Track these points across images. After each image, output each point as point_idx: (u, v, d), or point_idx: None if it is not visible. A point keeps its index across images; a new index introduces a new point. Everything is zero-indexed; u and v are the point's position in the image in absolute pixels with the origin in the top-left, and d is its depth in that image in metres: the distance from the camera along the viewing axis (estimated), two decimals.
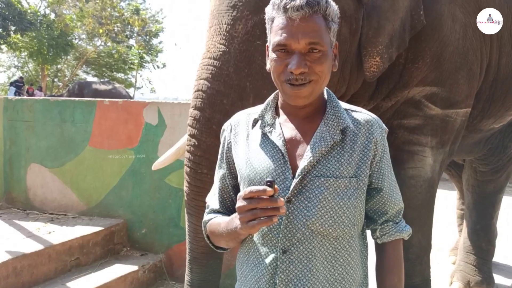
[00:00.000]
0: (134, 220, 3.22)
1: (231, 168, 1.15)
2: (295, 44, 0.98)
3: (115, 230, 3.13)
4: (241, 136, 1.13)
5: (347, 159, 1.03)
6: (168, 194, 3.14)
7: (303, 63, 0.98)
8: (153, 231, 3.18)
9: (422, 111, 2.35)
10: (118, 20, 22.30)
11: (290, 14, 0.98)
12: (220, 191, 1.17)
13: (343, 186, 1.02)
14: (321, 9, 0.99)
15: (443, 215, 3.70)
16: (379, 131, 1.08)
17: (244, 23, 1.92)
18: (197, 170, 1.85)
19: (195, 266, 1.94)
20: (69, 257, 2.77)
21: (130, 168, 3.22)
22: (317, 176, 1.01)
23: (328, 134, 1.04)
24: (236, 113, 1.20)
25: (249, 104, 1.87)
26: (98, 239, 2.98)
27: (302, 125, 1.07)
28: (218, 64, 1.91)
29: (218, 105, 1.88)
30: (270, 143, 1.06)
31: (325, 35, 1.00)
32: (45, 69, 22.33)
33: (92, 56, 23.77)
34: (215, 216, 1.13)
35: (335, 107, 1.08)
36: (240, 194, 0.91)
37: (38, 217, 3.31)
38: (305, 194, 1.01)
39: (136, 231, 3.23)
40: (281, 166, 1.03)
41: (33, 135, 3.43)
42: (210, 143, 1.83)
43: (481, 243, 3.33)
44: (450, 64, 2.32)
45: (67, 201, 3.38)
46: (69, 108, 3.34)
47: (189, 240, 1.94)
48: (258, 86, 1.91)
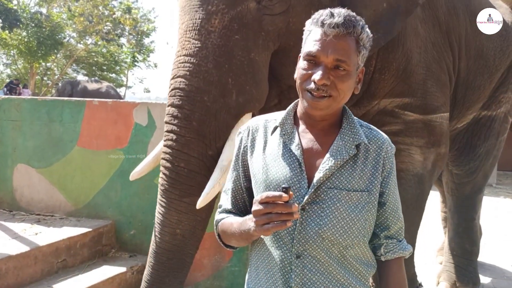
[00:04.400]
0: (123, 221, 3.20)
1: (245, 171, 1.21)
2: (324, 57, 1.05)
3: (103, 231, 3.10)
4: (259, 142, 1.19)
5: (359, 173, 1.10)
6: (156, 195, 3.12)
7: (327, 76, 1.04)
8: (142, 232, 3.16)
9: (400, 118, 2.37)
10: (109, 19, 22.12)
11: (325, 30, 1.05)
12: (233, 192, 1.23)
13: (355, 199, 1.09)
14: (355, 32, 1.06)
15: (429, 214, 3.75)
16: (389, 148, 1.15)
17: (221, 17, 1.87)
18: (174, 163, 1.82)
19: (153, 260, 1.89)
20: (56, 259, 2.73)
21: (119, 168, 3.19)
22: (331, 187, 1.08)
23: (344, 148, 1.10)
24: (253, 118, 1.26)
25: (232, 101, 1.86)
26: (86, 240, 2.95)
27: (319, 137, 1.14)
28: (195, 61, 1.85)
29: (198, 102, 1.83)
30: (288, 152, 1.12)
31: (353, 57, 1.07)
32: (34, 67, 22.05)
33: (83, 54, 23.54)
34: (227, 216, 1.19)
35: (351, 123, 1.14)
36: (257, 198, 0.96)
37: (24, 218, 3.26)
38: (319, 204, 1.08)
39: (125, 232, 3.20)
40: (297, 175, 1.09)
41: (20, 135, 3.39)
42: (189, 138, 1.80)
43: (464, 245, 3.39)
44: (416, 76, 2.37)
45: (54, 202, 3.34)
46: (57, 107, 3.31)
47: (155, 232, 1.90)
48: (240, 82, 1.87)
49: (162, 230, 1.85)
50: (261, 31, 1.93)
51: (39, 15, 20.59)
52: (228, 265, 2.99)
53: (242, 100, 1.87)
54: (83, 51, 23.49)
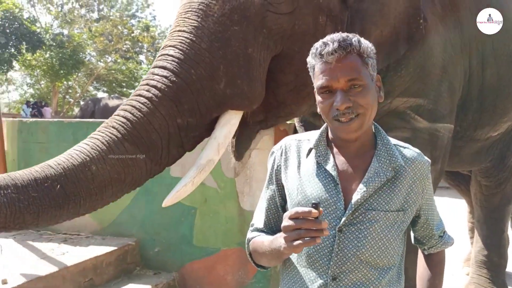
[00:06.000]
0: (147, 239, 3.23)
1: (280, 190, 1.22)
2: (336, 83, 1.07)
3: (128, 250, 3.14)
4: (292, 162, 1.20)
5: (396, 194, 1.11)
6: (180, 213, 3.14)
7: (347, 99, 1.06)
8: (166, 249, 3.19)
9: (409, 124, 2.29)
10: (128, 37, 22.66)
11: (326, 59, 1.08)
12: (266, 211, 1.24)
13: (392, 219, 1.10)
14: (355, 49, 1.08)
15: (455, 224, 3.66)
16: (426, 165, 1.17)
17: (221, 5, 1.79)
18: (137, 107, 1.64)
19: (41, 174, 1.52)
20: (83, 278, 2.78)
21: (142, 187, 3.21)
22: (369, 209, 1.09)
23: (381, 170, 1.11)
24: (286, 138, 1.27)
25: (219, 89, 1.74)
26: (112, 259, 3.00)
27: (354, 158, 1.14)
28: (189, 36, 1.74)
29: (183, 70, 1.69)
30: (323, 173, 1.13)
31: (362, 70, 1.09)
32: (56, 86, 22.73)
33: (103, 72, 24.16)
34: (258, 235, 1.20)
35: (386, 144, 1.15)
36: (286, 214, 0.97)
37: (51, 237, 3.33)
38: (356, 226, 1.09)
39: (149, 250, 3.23)
40: (333, 196, 1.10)
41: (47, 156, 3.42)
42: (162, 95, 1.65)
43: (493, 257, 3.32)
44: (433, 76, 2.29)
45: (80, 220, 3.37)
46: (82, 129, 3.39)
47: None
48: (232, 73, 1.77)
49: (78, 155, 1.56)
50: (263, 28, 1.85)
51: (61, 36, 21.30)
52: (253, 281, 2.98)
53: (230, 93, 1.77)
54: (103, 69, 24.14)
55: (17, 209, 1.40)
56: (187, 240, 3.13)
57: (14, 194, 1.41)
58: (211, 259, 3.05)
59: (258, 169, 2.91)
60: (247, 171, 2.95)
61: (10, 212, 1.39)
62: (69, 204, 1.49)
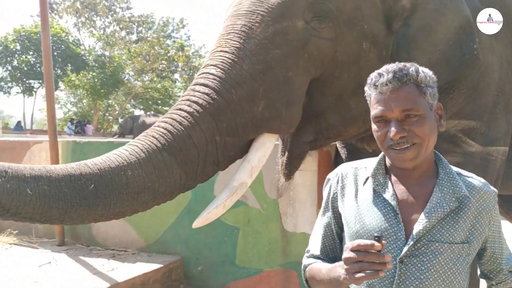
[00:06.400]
0: (191, 257, 3.31)
1: (336, 217, 1.22)
2: (390, 113, 1.07)
3: (173, 267, 3.22)
4: (349, 190, 1.19)
5: (460, 225, 1.07)
6: (223, 232, 3.21)
7: (401, 129, 1.06)
8: (208, 268, 3.25)
9: (461, 148, 2.21)
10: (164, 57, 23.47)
11: (380, 90, 1.09)
12: (323, 238, 1.24)
13: (456, 251, 1.06)
14: (411, 78, 1.07)
15: None
16: (492, 196, 1.13)
17: (264, 28, 1.79)
18: (177, 120, 1.63)
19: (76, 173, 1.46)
20: None
21: (186, 206, 3.33)
22: (432, 241, 1.06)
23: (444, 200, 1.08)
24: (342, 165, 1.26)
25: (257, 111, 1.73)
26: (158, 276, 3.08)
27: (414, 188, 1.12)
28: (231, 57, 1.74)
29: (224, 89, 1.69)
30: (382, 202, 1.11)
31: (419, 100, 1.07)
32: (97, 105, 23.75)
33: (140, 91, 25.05)
34: (315, 262, 1.20)
35: (449, 173, 1.12)
36: (348, 245, 0.96)
37: (101, 253, 3.47)
38: (419, 257, 1.05)
39: (193, 268, 3.30)
40: (393, 226, 1.08)
41: None
42: (203, 111, 1.65)
43: None
44: (487, 96, 2.21)
45: (127, 237, 3.54)
46: None
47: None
48: (271, 96, 1.76)
49: (115, 158, 1.55)
50: (305, 52, 1.85)
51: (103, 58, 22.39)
52: None
53: (268, 115, 1.77)
54: (141, 88, 25.03)
55: (46, 202, 1.36)
56: (230, 260, 3.18)
57: (46, 186, 1.37)
58: (253, 280, 3.07)
59: (301, 190, 2.94)
60: (290, 192, 2.98)
61: (39, 204, 1.35)
62: (99, 205, 1.46)
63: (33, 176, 1.36)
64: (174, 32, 27.35)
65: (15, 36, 21.05)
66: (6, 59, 21.18)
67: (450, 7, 2.05)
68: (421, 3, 2.04)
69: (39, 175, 1.38)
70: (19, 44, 20.93)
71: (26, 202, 1.33)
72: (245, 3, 1.88)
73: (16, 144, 4.09)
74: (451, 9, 2.05)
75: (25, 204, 1.33)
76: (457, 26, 2.05)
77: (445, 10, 2.04)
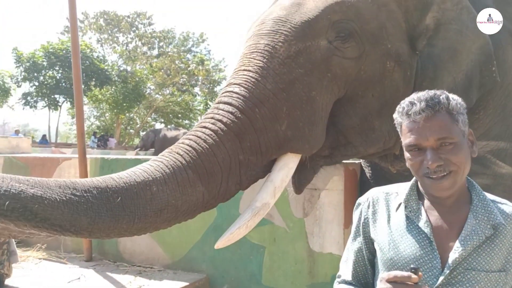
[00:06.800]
0: (216, 275, 3.31)
1: (367, 243, 1.22)
2: (425, 142, 1.07)
3: (198, 285, 3.23)
4: (381, 215, 1.19)
5: (496, 253, 1.06)
6: (249, 251, 3.21)
7: (437, 157, 1.06)
8: (234, 287, 3.24)
9: (490, 169, 2.18)
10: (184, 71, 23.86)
11: (413, 118, 1.09)
12: (354, 263, 1.23)
13: (493, 280, 1.05)
14: (443, 107, 1.08)
15: None
16: None
17: (287, 47, 1.80)
18: (202, 138, 1.64)
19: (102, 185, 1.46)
20: None
21: (212, 224, 3.35)
22: (468, 269, 1.05)
23: (479, 228, 1.07)
24: (372, 189, 1.26)
25: (280, 130, 1.73)
26: None
27: (448, 215, 1.12)
28: (254, 76, 1.75)
29: (248, 108, 1.69)
30: (415, 229, 1.11)
31: (453, 128, 1.08)
32: (119, 119, 24.24)
33: (161, 105, 25.46)
34: (347, 287, 1.20)
35: (483, 200, 1.12)
36: (383, 276, 0.97)
37: (127, 269, 3.51)
38: (455, 286, 1.04)
39: (218, 286, 3.30)
40: (428, 253, 1.07)
41: None
42: (227, 130, 1.66)
43: None
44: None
45: (153, 254, 3.58)
46: None
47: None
48: (294, 116, 1.76)
49: (141, 174, 1.53)
50: (328, 72, 1.85)
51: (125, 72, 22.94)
52: None
53: (291, 135, 1.76)
54: (162, 102, 25.45)
55: (74, 210, 1.33)
56: (255, 279, 3.17)
57: (72, 195, 1.35)
58: None
59: (327, 209, 2.92)
60: (316, 212, 2.96)
61: (68, 211, 1.32)
62: (124, 218, 1.44)
63: (58, 185, 1.35)
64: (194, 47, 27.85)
65: (42, 53, 21.79)
66: (33, 75, 21.92)
67: (471, 29, 2.06)
68: (444, 23, 2.04)
69: (64, 185, 1.37)
70: (46, 60, 21.67)
71: (54, 207, 1.29)
72: (268, 22, 1.90)
73: (46, 160, 4.20)
74: (472, 31, 2.06)
75: (53, 209, 1.29)
76: (478, 47, 2.06)
77: (466, 31, 2.05)
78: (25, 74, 21.86)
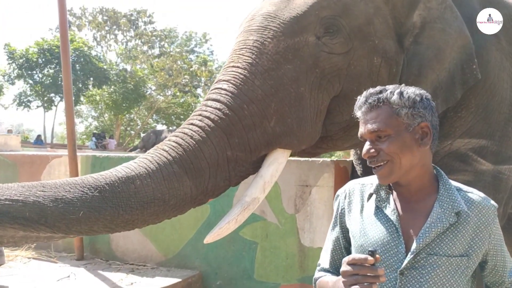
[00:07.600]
0: (210, 271, 3.29)
1: (344, 232, 1.29)
2: (365, 134, 1.17)
3: (191, 282, 3.21)
4: (355, 205, 1.26)
5: (459, 239, 1.12)
6: (242, 247, 3.19)
7: (369, 149, 1.15)
8: (227, 283, 3.22)
9: (472, 166, 2.20)
10: (187, 72, 23.76)
11: (362, 111, 1.18)
12: (332, 252, 1.31)
13: (455, 264, 1.11)
14: (385, 99, 1.14)
15: None
16: (491, 210, 1.16)
17: (276, 43, 1.82)
18: (188, 135, 1.67)
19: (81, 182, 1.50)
20: None
21: (206, 221, 3.33)
22: (430, 254, 1.11)
23: (443, 216, 1.12)
24: (351, 181, 1.33)
25: (269, 126, 1.75)
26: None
27: (415, 203, 1.17)
28: (243, 72, 1.77)
29: (236, 105, 1.71)
30: (384, 217, 1.18)
31: (389, 121, 1.13)
32: (119, 119, 24.18)
33: (162, 106, 25.36)
34: (324, 275, 1.27)
35: (449, 189, 1.17)
36: (345, 259, 1.03)
37: (120, 267, 3.49)
38: (418, 270, 1.11)
39: (211, 282, 3.28)
40: (394, 239, 1.14)
41: None
42: (215, 126, 1.67)
43: None
44: (498, 115, 2.21)
45: (146, 252, 3.55)
46: None
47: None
48: (283, 112, 1.77)
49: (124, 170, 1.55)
50: (316, 67, 1.86)
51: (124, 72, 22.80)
52: None
53: (279, 131, 1.78)
54: (163, 103, 25.34)
55: (41, 202, 1.37)
56: (248, 274, 3.15)
57: (39, 191, 1.39)
58: None
59: (318, 206, 2.91)
60: (307, 208, 2.95)
61: (33, 202, 1.36)
62: (107, 210, 1.45)
63: (21, 186, 1.40)
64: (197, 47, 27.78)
65: (36, 49, 20.72)
66: (26, 73, 20.85)
67: (454, 27, 2.09)
68: (429, 21, 2.07)
69: (30, 185, 1.41)
70: (40, 57, 20.62)
71: (14, 200, 1.34)
72: (258, 18, 1.91)
73: (35, 158, 4.11)
74: (455, 29, 2.09)
75: (13, 202, 1.34)
76: (460, 45, 2.09)
77: (450, 30, 2.08)
78: (19, 72, 20.91)
